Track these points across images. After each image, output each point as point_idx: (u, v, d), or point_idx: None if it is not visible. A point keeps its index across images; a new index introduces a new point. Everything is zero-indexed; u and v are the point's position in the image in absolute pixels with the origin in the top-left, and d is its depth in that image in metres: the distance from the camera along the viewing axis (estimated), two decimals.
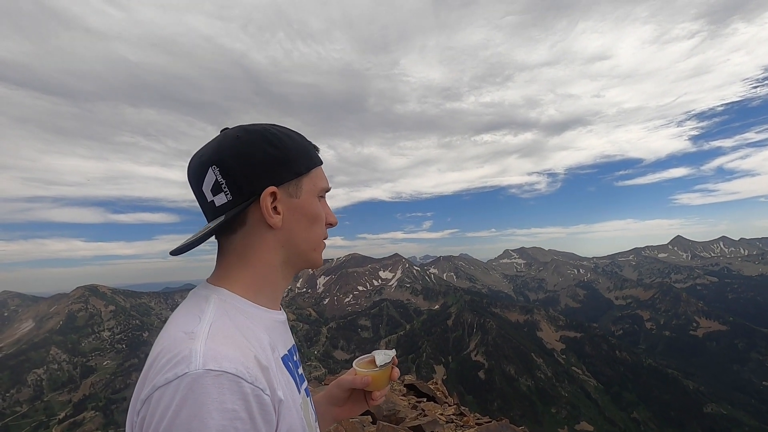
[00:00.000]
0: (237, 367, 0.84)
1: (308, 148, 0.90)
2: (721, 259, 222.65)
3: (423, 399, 5.70)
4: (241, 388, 0.84)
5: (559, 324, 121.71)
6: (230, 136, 0.87)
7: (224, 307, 0.85)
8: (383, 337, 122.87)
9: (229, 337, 0.84)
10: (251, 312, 0.86)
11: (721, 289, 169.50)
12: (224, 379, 0.84)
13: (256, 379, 0.84)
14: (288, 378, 0.85)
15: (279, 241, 0.88)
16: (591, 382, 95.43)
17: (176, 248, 0.88)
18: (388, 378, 1.04)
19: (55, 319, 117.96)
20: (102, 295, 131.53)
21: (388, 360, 1.03)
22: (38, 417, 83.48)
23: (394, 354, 1.05)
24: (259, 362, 0.84)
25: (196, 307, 0.85)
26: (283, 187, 0.87)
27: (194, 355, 0.84)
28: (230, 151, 0.87)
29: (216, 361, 0.84)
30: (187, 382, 0.84)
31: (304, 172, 0.88)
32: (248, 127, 0.88)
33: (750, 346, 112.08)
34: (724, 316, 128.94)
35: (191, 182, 0.88)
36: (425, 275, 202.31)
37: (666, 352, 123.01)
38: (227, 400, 0.84)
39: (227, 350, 0.84)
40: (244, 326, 0.85)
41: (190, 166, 0.88)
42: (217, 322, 0.84)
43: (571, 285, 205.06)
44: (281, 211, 0.87)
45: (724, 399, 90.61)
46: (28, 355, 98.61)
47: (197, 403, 0.84)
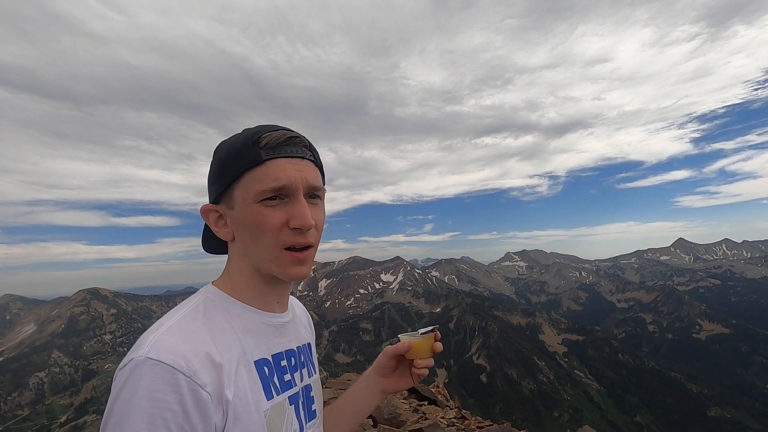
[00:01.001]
0: (175, 359, 0.84)
1: (241, 150, 0.85)
2: (723, 262, 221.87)
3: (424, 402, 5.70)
4: (175, 380, 0.84)
5: (561, 327, 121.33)
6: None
7: (208, 304, 0.85)
8: (385, 340, 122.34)
9: (186, 332, 0.84)
10: (237, 312, 0.85)
11: (724, 292, 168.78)
12: (159, 369, 0.84)
13: (194, 373, 0.83)
14: (255, 382, 0.84)
15: (239, 251, 0.88)
16: (593, 386, 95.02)
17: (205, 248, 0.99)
18: (430, 347, 1.06)
19: (56, 322, 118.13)
20: (104, 298, 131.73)
21: (428, 330, 1.08)
22: (40, 420, 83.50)
23: (435, 327, 1.09)
24: (210, 359, 0.83)
25: (186, 302, 0.86)
26: (222, 199, 0.86)
27: (145, 344, 0.85)
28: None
29: (156, 351, 0.84)
30: (130, 368, 0.85)
31: (233, 179, 0.85)
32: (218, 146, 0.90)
33: (753, 349, 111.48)
34: (727, 318, 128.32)
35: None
36: (427, 278, 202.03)
37: (669, 355, 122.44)
38: (158, 389, 0.84)
39: (173, 343, 0.84)
40: (217, 325, 0.84)
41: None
42: (188, 317, 0.84)
43: (573, 288, 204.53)
44: (229, 225, 0.87)
45: (727, 402, 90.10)
46: (29, 359, 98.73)
47: (132, 388, 0.85)
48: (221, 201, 0.86)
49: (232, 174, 0.85)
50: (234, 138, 0.86)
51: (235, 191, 0.85)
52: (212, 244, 0.97)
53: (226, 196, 0.85)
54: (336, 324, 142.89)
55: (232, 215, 0.85)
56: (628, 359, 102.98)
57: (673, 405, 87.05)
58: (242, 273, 0.88)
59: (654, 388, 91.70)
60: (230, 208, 0.85)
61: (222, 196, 0.85)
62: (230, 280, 0.89)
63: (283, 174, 0.86)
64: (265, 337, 0.87)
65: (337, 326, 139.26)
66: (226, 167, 0.85)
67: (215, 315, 0.84)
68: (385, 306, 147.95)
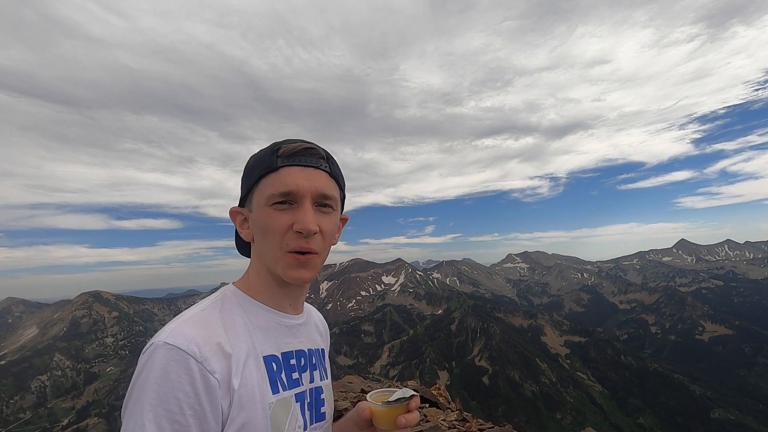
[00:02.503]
0: (188, 345, 0.91)
1: (262, 157, 0.94)
2: (726, 263, 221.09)
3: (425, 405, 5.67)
4: (188, 364, 0.91)
5: (564, 329, 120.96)
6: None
7: (225, 300, 0.93)
8: (386, 342, 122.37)
9: (201, 322, 0.91)
10: (251, 309, 0.93)
11: (727, 293, 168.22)
12: (174, 353, 0.91)
13: (205, 359, 0.90)
14: (263, 375, 0.90)
15: (255, 252, 0.96)
16: (596, 387, 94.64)
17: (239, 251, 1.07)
18: (393, 419, 0.94)
19: (58, 325, 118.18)
20: (105, 301, 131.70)
21: (398, 398, 0.94)
22: (42, 424, 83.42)
23: (411, 395, 0.94)
24: (221, 348, 0.90)
25: (207, 298, 0.93)
26: (246, 202, 0.95)
27: (164, 332, 0.92)
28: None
29: (173, 337, 0.91)
30: (149, 351, 0.93)
31: (253, 184, 0.94)
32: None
33: (757, 351, 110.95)
34: (730, 320, 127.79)
35: None
36: (428, 280, 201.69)
37: (671, 356, 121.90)
38: (172, 371, 0.91)
39: (189, 331, 0.91)
40: (231, 319, 0.91)
41: None
42: (206, 310, 0.91)
43: (575, 289, 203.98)
44: (251, 227, 0.95)
45: (731, 404, 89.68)
46: (31, 362, 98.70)
47: (149, 369, 0.92)
48: (245, 204, 0.95)
49: (252, 179, 0.94)
50: (258, 152, 0.95)
51: (254, 195, 0.94)
52: (242, 246, 1.05)
53: (248, 200, 0.95)
54: (337, 326, 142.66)
55: (251, 218, 0.95)
56: (631, 361, 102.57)
57: (676, 407, 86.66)
58: (258, 273, 0.95)
59: (657, 390, 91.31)
60: (250, 211, 0.95)
61: (245, 200, 0.95)
62: (248, 280, 0.95)
63: (292, 180, 0.94)
64: (276, 335, 0.93)
65: (339, 328, 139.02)
66: (249, 173, 0.94)
67: (230, 310, 0.91)
68: (386, 308, 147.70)
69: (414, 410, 0.96)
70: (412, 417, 0.95)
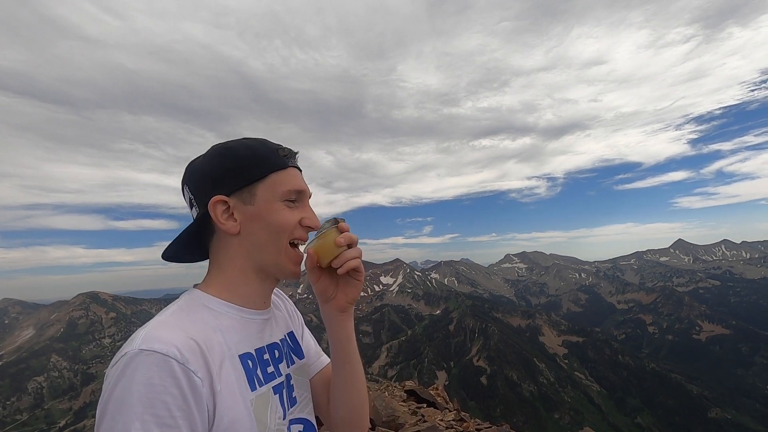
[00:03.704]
0: (168, 348, 0.87)
1: (267, 154, 0.95)
2: (723, 263, 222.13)
3: (423, 405, 5.67)
4: (170, 366, 0.88)
5: (562, 329, 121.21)
6: (201, 155, 0.97)
7: (189, 303, 0.90)
8: (385, 342, 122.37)
9: (173, 325, 0.88)
10: (218, 309, 0.91)
11: (724, 293, 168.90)
12: (153, 358, 0.87)
13: (187, 360, 0.87)
14: (240, 375, 0.88)
15: (243, 247, 0.94)
16: (594, 387, 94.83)
17: (163, 252, 0.99)
18: (332, 242, 0.94)
19: (55, 326, 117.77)
20: (103, 302, 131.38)
21: (325, 225, 0.97)
22: (39, 425, 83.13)
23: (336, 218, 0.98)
24: (198, 349, 0.87)
25: (170, 305, 0.91)
26: (236, 194, 0.92)
27: (136, 339, 0.88)
28: (195, 169, 0.95)
29: (149, 343, 0.88)
30: (124, 361, 0.88)
31: (258, 178, 0.92)
32: (223, 142, 0.97)
33: (754, 350, 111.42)
34: (727, 319, 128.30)
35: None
36: (426, 280, 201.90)
37: (669, 356, 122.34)
38: (154, 375, 0.88)
39: (164, 334, 0.88)
40: (199, 319, 0.88)
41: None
42: (174, 315, 0.88)
43: (573, 289, 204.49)
44: (238, 219, 0.92)
45: (728, 403, 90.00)
46: (28, 363, 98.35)
47: (128, 379, 0.88)
48: (234, 195, 0.92)
49: (259, 173, 0.92)
50: (243, 144, 0.95)
51: (259, 189, 0.92)
52: (186, 252, 1.00)
53: (245, 192, 0.92)
54: None
55: (249, 210, 0.92)
56: (629, 361, 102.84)
57: (673, 406, 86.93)
58: (241, 268, 0.94)
59: (654, 390, 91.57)
60: (248, 204, 0.92)
61: (239, 191, 0.92)
62: (219, 279, 0.94)
63: (300, 181, 0.98)
64: (247, 333, 0.93)
65: None
66: (251, 166, 0.92)
67: (198, 312, 0.89)
68: (384, 308, 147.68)
69: (346, 230, 0.96)
70: (348, 234, 0.96)
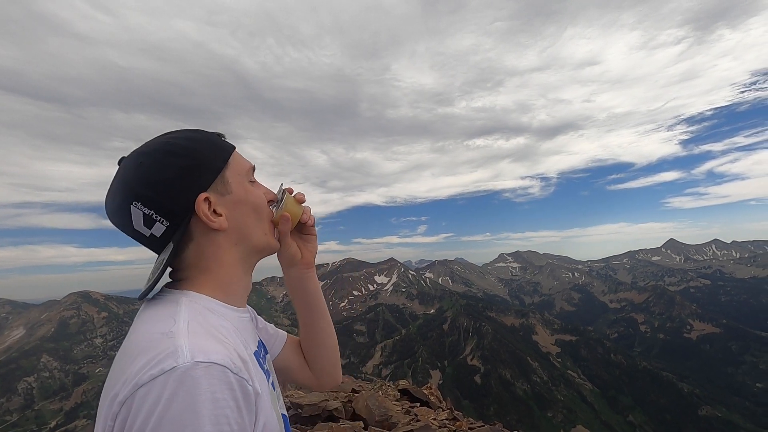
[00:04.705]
0: (224, 359, 0.83)
1: (214, 140, 0.91)
2: (713, 262, 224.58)
3: (416, 404, 5.66)
4: (228, 379, 0.84)
5: (555, 328, 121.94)
6: (131, 166, 0.85)
7: (195, 308, 0.85)
8: (379, 341, 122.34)
9: (209, 334, 0.84)
10: (222, 311, 0.88)
11: (714, 292, 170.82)
12: (214, 370, 0.83)
13: (240, 370, 0.84)
14: (260, 373, 0.86)
15: (231, 240, 0.89)
16: (587, 386, 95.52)
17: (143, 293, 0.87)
18: (295, 202, 1.01)
19: (46, 326, 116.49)
20: (94, 301, 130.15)
21: (282, 193, 1.01)
22: (29, 426, 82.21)
23: (282, 187, 1.03)
24: (240, 355, 0.84)
25: (167, 310, 0.83)
26: (212, 188, 0.87)
27: (180, 350, 0.83)
28: (140, 181, 0.83)
29: (204, 354, 0.83)
30: (176, 376, 0.83)
31: (222, 165, 0.89)
32: (146, 149, 0.86)
33: (744, 349, 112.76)
34: (718, 318, 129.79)
35: (119, 227, 0.87)
36: (421, 280, 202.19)
37: (661, 354, 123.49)
38: (217, 389, 0.83)
39: (212, 344, 0.83)
40: (218, 324, 0.85)
41: (109, 212, 0.87)
42: (193, 321, 0.83)
43: (566, 288, 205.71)
44: (222, 212, 0.87)
45: (718, 402, 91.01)
46: (18, 363, 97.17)
47: (189, 394, 0.83)
48: (210, 189, 0.87)
49: (221, 159, 0.89)
50: (185, 137, 0.88)
51: (227, 175, 0.89)
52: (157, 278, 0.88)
53: (218, 183, 0.88)
54: None
55: (229, 199, 0.89)
56: (621, 359, 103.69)
57: (665, 404, 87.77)
58: (228, 265, 0.90)
59: (646, 388, 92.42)
60: (226, 193, 0.89)
61: (213, 184, 0.87)
62: (211, 282, 0.89)
63: (246, 158, 0.96)
64: (248, 332, 0.92)
65: None
66: (211, 155, 0.88)
67: (208, 316, 0.85)
68: (379, 308, 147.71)
69: (292, 191, 1.04)
70: (300, 194, 1.04)
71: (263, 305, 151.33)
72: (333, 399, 4.89)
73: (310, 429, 4.10)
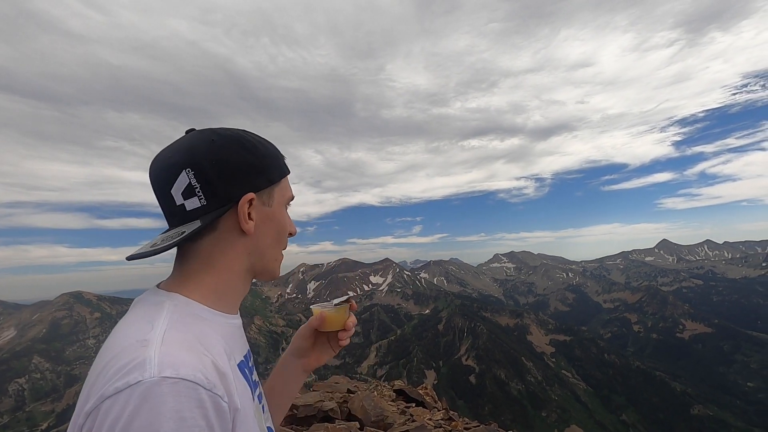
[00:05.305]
0: (195, 374, 0.79)
1: (279, 156, 0.92)
2: (705, 262, 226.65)
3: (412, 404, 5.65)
4: (198, 395, 0.79)
5: (549, 328, 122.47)
6: (204, 138, 0.84)
7: (179, 313, 0.81)
8: (374, 342, 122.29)
9: (186, 344, 0.79)
10: (209, 318, 0.83)
11: (706, 292, 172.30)
12: (181, 386, 0.79)
13: (214, 386, 0.79)
14: (244, 385, 0.82)
15: (247, 248, 0.87)
16: (581, 386, 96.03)
17: (137, 253, 0.84)
18: (344, 319, 1.02)
19: (38, 326, 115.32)
20: (87, 302, 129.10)
21: (344, 300, 1.03)
22: (20, 428, 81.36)
23: (350, 296, 1.05)
24: (217, 368, 0.80)
25: (148, 314, 0.80)
26: (259, 194, 0.86)
27: (148, 363, 0.78)
28: (206, 154, 0.83)
29: (173, 368, 0.78)
30: (140, 391, 0.78)
31: (277, 180, 0.89)
32: (222, 131, 0.85)
33: (735, 348, 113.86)
34: (710, 318, 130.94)
35: (156, 184, 0.85)
36: (416, 280, 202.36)
37: (654, 354, 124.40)
38: (184, 408, 0.79)
39: (184, 356, 0.79)
40: (201, 332, 0.81)
41: (155, 168, 0.84)
42: (172, 328, 0.80)
43: (561, 289, 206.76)
44: (254, 219, 0.86)
45: (710, 400, 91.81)
46: (9, 364, 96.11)
47: (152, 412, 0.78)
48: (258, 194, 0.86)
49: (279, 175, 0.89)
50: (259, 141, 0.88)
51: (276, 191, 0.89)
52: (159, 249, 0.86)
53: (265, 193, 0.87)
54: None
55: (266, 212, 0.87)
56: (614, 359, 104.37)
57: (657, 404, 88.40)
58: (233, 271, 0.86)
59: (639, 388, 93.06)
60: (266, 205, 0.87)
61: (262, 191, 0.86)
62: (208, 283, 0.84)
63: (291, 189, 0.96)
64: (236, 340, 0.87)
65: None
66: (274, 167, 0.88)
67: (192, 322, 0.82)
68: (374, 308, 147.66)
69: (355, 308, 1.06)
70: (354, 319, 1.04)
71: (258, 306, 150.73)
72: (328, 399, 4.87)
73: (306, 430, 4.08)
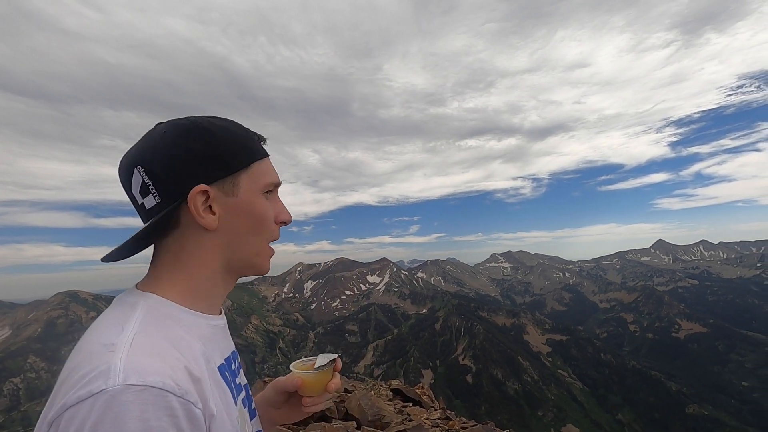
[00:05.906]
0: (164, 380, 0.70)
1: (247, 140, 0.84)
2: (701, 263, 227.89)
3: (409, 404, 5.66)
4: (168, 403, 0.70)
5: (546, 327, 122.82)
6: (157, 132, 0.80)
7: (153, 314, 0.74)
8: (371, 341, 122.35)
9: (155, 348, 0.70)
10: (185, 319, 0.78)
11: (702, 292, 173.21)
12: (148, 395, 0.70)
13: (186, 392, 0.71)
14: (224, 390, 0.77)
15: (217, 244, 0.81)
16: (577, 385, 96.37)
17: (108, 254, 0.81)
18: (323, 385, 0.93)
19: (33, 326, 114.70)
20: (83, 301, 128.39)
21: (326, 363, 0.92)
22: (15, 428, 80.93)
23: (335, 358, 0.94)
24: (190, 374, 0.71)
25: (120, 315, 0.73)
26: (217, 185, 0.79)
27: (113, 370, 0.70)
28: (155, 149, 0.78)
29: (139, 375, 0.70)
30: (103, 400, 0.70)
31: (241, 167, 0.82)
32: (177, 122, 0.81)
33: (730, 348, 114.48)
34: (705, 318, 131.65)
35: (122, 185, 0.81)
36: (413, 279, 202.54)
37: (649, 354, 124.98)
38: (151, 417, 0.70)
39: (152, 362, 0.70)
40: (175, 335, 0.73)
41: (119, 167, 0.81)
42: (142, 332, 0.70)
43: (557, 288, 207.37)
44: (217, 212, 0.79)
45: (705, 400, 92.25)
46: (4, 364, 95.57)
47: (116, 422, 0.70)
48: (215, 185, 0.79)
49: (242, 161, 0.82)
50: (219, 126, 0.82)
51: (242, 178, 0.82)
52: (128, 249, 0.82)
53: (227, 182, 0.80)
54: (322, 326, 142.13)
55: (231, 203, 0.81)
56: (610, 359, 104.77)
57: (653, 403, 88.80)
58: (207, 268, 0.81)
59: (635, 387, 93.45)
60: (231, 195, 0.81)
61: (221, 181, 0.80)
62: (182, 283, 0.80)
63: (275, 171, 0.89)
64: (217, 342, 0.83)
65: (323, 328, 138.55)
66: (234, 153, 0.81)
67: (166, 324, 0.75)
68: (371, 307, 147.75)
69: (339, 369, 0.97)
70: (338, 381, 0.96)
71: (255, 305, 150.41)
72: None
73: (303, 429, 4.09)
